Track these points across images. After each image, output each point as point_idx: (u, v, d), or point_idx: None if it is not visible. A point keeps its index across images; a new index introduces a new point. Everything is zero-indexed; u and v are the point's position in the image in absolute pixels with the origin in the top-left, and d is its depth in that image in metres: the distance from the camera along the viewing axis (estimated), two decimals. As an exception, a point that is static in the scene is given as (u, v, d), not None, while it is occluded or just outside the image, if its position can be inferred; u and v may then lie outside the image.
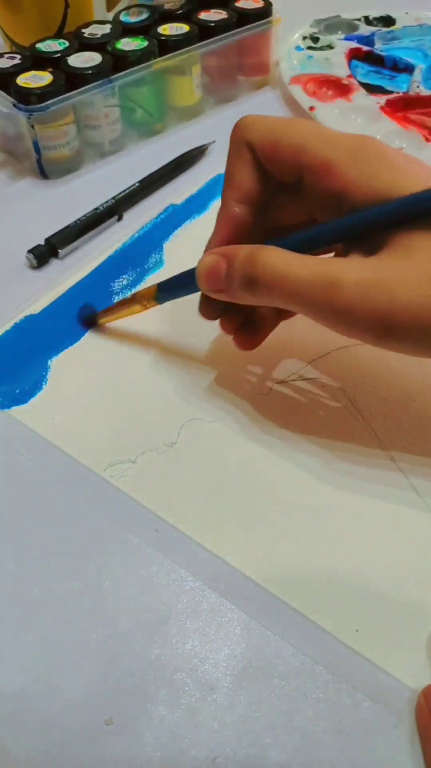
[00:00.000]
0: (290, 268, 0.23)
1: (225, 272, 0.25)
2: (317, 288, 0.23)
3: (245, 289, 0.25)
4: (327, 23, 0.57)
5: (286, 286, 0.23)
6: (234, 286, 0.25)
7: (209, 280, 0.26)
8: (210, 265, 0.26)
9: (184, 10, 0.49)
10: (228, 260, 0.25)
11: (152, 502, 0.27)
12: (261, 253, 0.24)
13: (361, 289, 0.22)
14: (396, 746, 0.21)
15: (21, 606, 0.25)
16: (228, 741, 0.22)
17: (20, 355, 0.33)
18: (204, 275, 0.26)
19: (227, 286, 0.25)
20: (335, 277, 0.22)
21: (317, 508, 0.27)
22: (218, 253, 0.26)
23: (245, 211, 0.27)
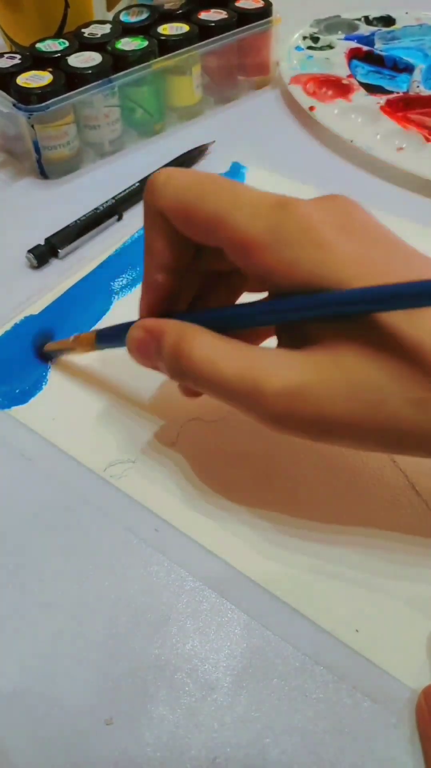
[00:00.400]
0: (216, 364, 0.21)
1: (154, 350, 0.24)
2: (241, 392, 0.21)
3: (175, 378, 0.24)
4: (327, 23, 0.58)
5: (213, 386, 0.22)
6: (164, 368, 0.24)
7: (140, 355, 0.25)
8: (138, 341, 0.24)
9: (184, 9, 0.49)
10: (155, 339, 0.23)
11: (152, 502, 0.27)
12: (185, 344, 0.22)
13: (287, 398, 0.20)
14: (396, 746, 0.21)
15: (21, 606, 0.25)
16: (229, 741, 0.22)
17: (20, 355, 0.33)
18: (135, 350, 0.25)
19: (159, 365, 0.24)
20: (259, 383, 0.21)
21: (317, 508, 0.27)
22: (146, 329, 0.24)
23: (167, 278, 0.25)
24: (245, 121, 0.50)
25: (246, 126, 0.49)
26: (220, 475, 0.28)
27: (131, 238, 0.39)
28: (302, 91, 0.50)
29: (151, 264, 0.25)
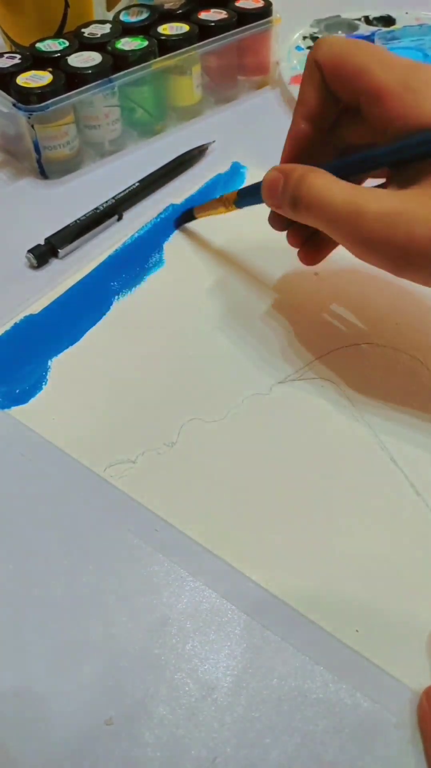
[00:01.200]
0: (328, 192, 0.25)
1: (282, 188, 0.27)
2: (344, 214, 0.24)
3: (291, 208, 0.27)
4: (327, 23, 0.57)
5: (321, 209, 0.25)
6: (285, 203, 0.27)
7: (269, 194, 0.28)
8: (270, 179, 0.28)
9: (184, 9, 0.49)
10: (285, 176, 0.27)
11: (152, 502, 0.27)
12: (308, 176, 0.26)
13: (382, 220, 0.24)
14: (397, 746, 0.21)
15: (21, 606, 0.25)
16: (229, 741, 0.22)
17: (20, 355, 0.33)
18: (265, 188, 0.28)
19: (281, 201, 0.27)
20: (360, 205, 0.24)
21: (317, 508, 0.27)
22: (279, 169, 0.28)
23: (311, 128, 0.29)
24: (245, 121, 0.50)
25: (246, 126, 0.49)
26: (220, 475, 0.28)
27: (131, 238, 0.39)
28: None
29: (300, 112, 0.29)
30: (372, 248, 0.24)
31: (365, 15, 0.59)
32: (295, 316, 0.35)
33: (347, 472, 0.28)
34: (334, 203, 0.25)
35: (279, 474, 0.28)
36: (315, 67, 0.28)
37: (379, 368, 0.32)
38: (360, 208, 0.24)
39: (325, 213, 0.25)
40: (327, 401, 0.31)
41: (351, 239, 0.25)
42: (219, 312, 0.35)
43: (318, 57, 0.27)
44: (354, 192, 0.25)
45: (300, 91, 0.29)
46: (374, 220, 0.24)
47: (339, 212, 0.25)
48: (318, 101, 0.28)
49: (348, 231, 0.25)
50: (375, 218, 0.24)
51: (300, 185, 0.26)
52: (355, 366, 0.32)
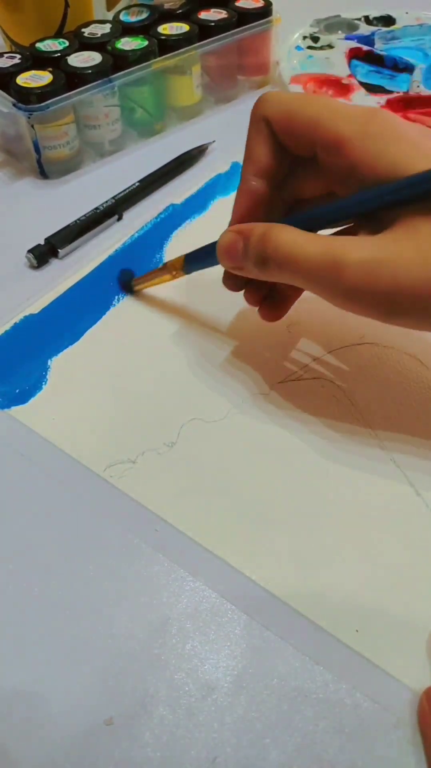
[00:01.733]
0: (299, 247, 0.24)
1: (242, 249, 0.26)
2: (322, 268, 0.23)
3: (258, 267, 0.26)
4: (327, 23, 0.57)
5: (295, 266, 0.24)
6: (249, 264, 0.26)
7: (228, 257, 0.27)
8: (228, 242, 0.27)
9: (184, 9, 0.49)
10: (244, 238, 0.26)
11: (152, 502, 0.27)
12: (272, 233, 0.25)
13: (364, 270, 0.23)
14: (396, 746, 0.21)
15: (21, 606, 0.25)
16: (228, 741, 0.22)
17: (20, 355, 0.33)
18: (223, 251, 0.27)
19: (243, 263, 0.27)
20: (339, 257, 0.23)
21: (317, 508, 0.27)
22: (236, 231, 0.27)
23: (263, 185, 0.28)
24: (245, 121, 0.49)
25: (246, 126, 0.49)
26: (220, 475, 0.28)
27: (131, 238, 0.39)
28: (302, 91, 0.50)
29: (249, 170, 0.28)
30: (355, 299, 0.23)
31: (365, 15, 0.59)
32: (295, 316, 0.35)
33: (347, 472, 0.28)
34: (309, 257, 0.24)
35: (279, 474, 0.28)
36: (263, 122, 0.27)
37: (379, 368, 0.32)
38: (338, 259, 0.23)
39: (300, 269, 0.24)
40: (327, 401, 0.31)
41: (332, 292, 0.24)
42: (220, 312, 0.35)
43: (267, 112, 0.26)
44: (328, 243, 0.24)
45: (247, 148, 0.28)
46: (355, 271, 0.23)
47: (316, 266, 0.24)
48: (268, 156, 0.27)
49: (328, 284, 0.24)
50: (356, 269, 0.23)
51: (266, 243, 0.25)
52: (355, 366, 0.32)
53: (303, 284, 0.25)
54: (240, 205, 0.28)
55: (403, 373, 0.32)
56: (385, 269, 0.22)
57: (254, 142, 0.27)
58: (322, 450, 0.29)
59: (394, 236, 0.23)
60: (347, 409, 0.30)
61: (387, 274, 0.22)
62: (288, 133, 0.26)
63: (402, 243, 0.23)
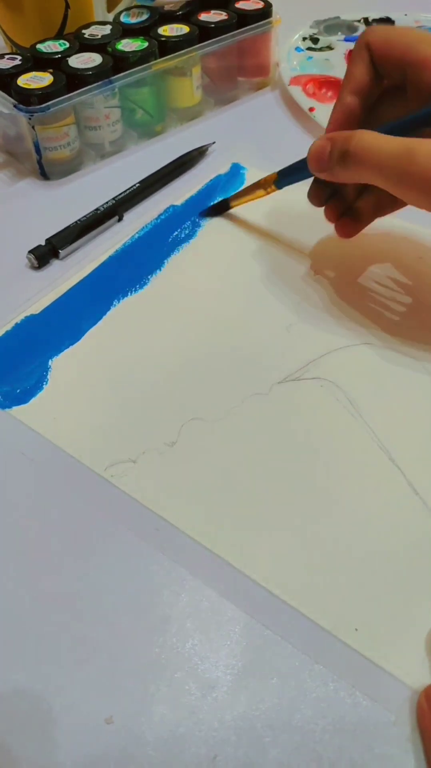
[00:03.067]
0: (377, 142, 0.28)
1: (329, 152, 0.30)
2: (395, 157, 0.27)
3: (340, 164, 0.29)
4: (326, 24, 0.58)
5: (372, 159, 0.28)
6: (334, 162, 0.29)
7: (317, 159, 0.31)
8: (318, 147, 0.30)
9: (184, 11, 0.49)
10: (332, 142, 0.29)
11: (152, 501, 0.27)
12: (357, 133, 0.28)
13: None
14: (395, 745, 0.22)
15: (21, 606, 0.25)
16: (229, 740, 0.22)
17: (21, 355, 0.33)
18: (312, 155, 0.31)
19: (329, 164, 0.30)
20: (412, 148, 0.26)
21: (316, 508, 0.27)
22: (325, 137, 0.30)
23: (356, 102, 0.32)
24: (245, 122, 0.50)
25: (246, 127, 0.49)
26: (220, 474, 0.28)
27: (131, 238, 0.40)
28: (302, 92, 0.50)
29: (347, 87, 0.32)
30: (421, 185, 0.26)
31: (364, 17, 0.59)
32: (295, 316, 0.35)
33: (346, 472, 0.28)
34: (385, 150, 0.27)
35: (279, 474, 0.28)
36: (365, 47, 0.31)
37: (379, 368, 0.32)
38: (411, 149, 0.26)
39: (377, 161, 0.27)
40: (327, 401, 0.31)
41: (403, 178, 0.27)
42: (220, 312, 0.35)
43: (370, 38, 0.31)
44: (403, 139, 0.27)
45: (348, 69, 0.32)
46: (425, 158, 0.26)
47: (392, 155, 0.27)
48: (366, 77, 0.31)
49: (399, 171, 0.27)
50: (426, 157, 0.26)
51: (349, 141, 0.28)
52: (355, 366, 0.32)
53: (376, 177, 0.28)
54: (335, 118, 0.32)
55: (403, 373, 0.32)
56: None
57: (354, 64, 0.32)
58: (322, 450, 0.29)
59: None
60: (346, 409, 0.30)
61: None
62: (385, 57, 0.31)
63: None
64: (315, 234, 0.39)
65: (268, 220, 0.40)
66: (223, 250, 0.39)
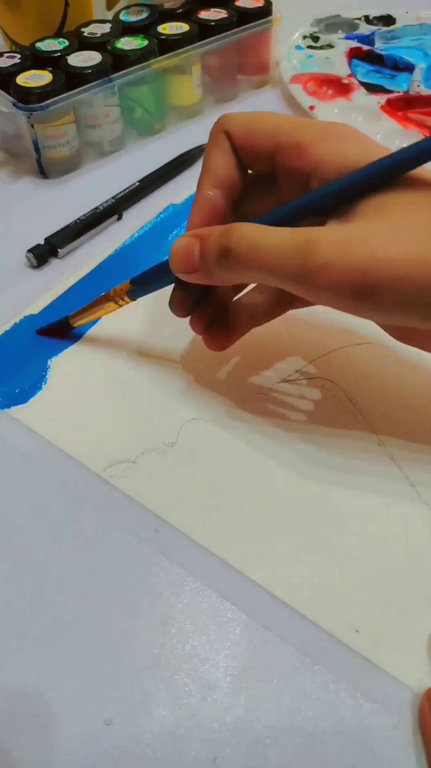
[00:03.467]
0: (264, 236, 0.23)
1: (199, 251, 0.25)
2: (292, 252, 0.22)
3: (219, 263, 0.24)
4: (327, 22, 0.57)
5: (261, 255, 0.23)
6: (209, 262, 0.25)
7: (183, 261, 0.26)
8: (184, 245, 0.26)
9: (184, 9, 0.49)
10: (202, 240, 0.25)
11: (152, 502, 0.27)
12: (234, 227, 0.24)
13: (338, 247, 0.21)
14: (396, 747, 0.21)
15: (21, 606, 0.25)
16: (229, 741, 0.22)
17: (20, 355, 0.33)
18: (178, 256, 0.26)
19: (201, 264, 0.25)
20: (311, 237, 0.22)
21: (317, 508, 0.27)
22: (191, 234, 0.26)
23: (219, 196, 0.27)
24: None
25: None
26: (220, 475, 0.28)
27: (131, 237, 0.39)
28: (302, 90, 0.50)
29: (205, 181, 0.27)
30: (327, 282, 0.22)
31: (365, 14, 0.59)
32: (295, 315, 0.35)
33: (347, 472, 0.28)
34: (277, 243, 0.23)
35: (279, 474, 0.28)
36: (224, 136, 0.27)
37: (379, 368, 0.32)
38: (311, 240, 0.22)
39: (266, 258, 0.23)
40: (328, 401, 0.31)
41: (303, 277, 0.22)
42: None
43: (228, 126, 0.27)
44: (296, 230, 0.23)
45: (206, 161, 0.27)
46: (329, 249, 0.21)
47: (284, 252, 0.22)
48: (227, 168, 0.27)
49: (298, 268, 0.22)
50: (330, 246, 0.21)
51: (229, 237, 0.24)
52: (355, 366, 0.32)
53: (269, 274, 0.23)
54: (196, 216, 0.27)
55: (403, 373, 0.32)
56: (360, 245, 0.21)
57: (213, 154, 0.27)
58: (322, 450, 0.29)
59: (365, 219, 0.22)
60: (347, 409, 0.30)
61: (363, 250, 0.21)
62: (249, 144, 0.26)
63: (374, 222, 0.22)
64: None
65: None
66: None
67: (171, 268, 0.26)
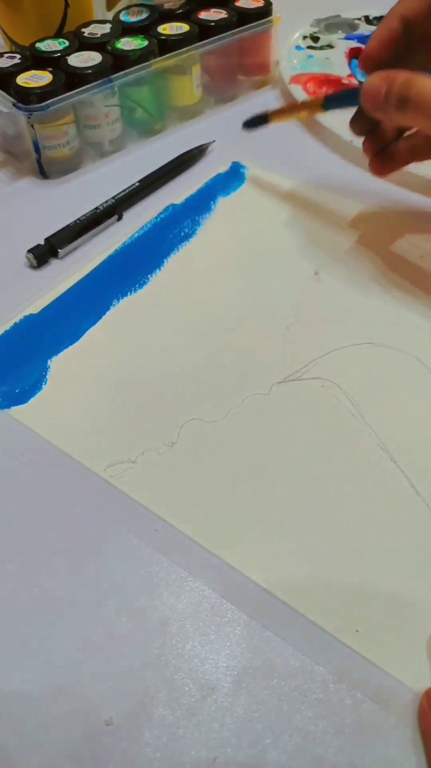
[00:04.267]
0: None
1: (385, 94, 0.30)
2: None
3: (398, 108, 0.30)
4: (327, 23, 0.57)
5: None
6: (390, 105, 0.30)
7: (371, 99, 0.31)
8: (373, 86, 0.31)
9: (184, 9, 0.49)
10: (388, 83, 0.30)
11: (152, 502, 0.27)
12: (416, 78, 0.29)
13: None
14: (396, 746, 0.21)
15: (21, 606, 0.25)
16: (228, 741, 0.22)
17: (20, 355, 0.33)
18: (367, 94, 0.31)
19: (384, 104, 0.30)
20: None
21: (317, 508, 0.27)
22: (381, 77, 0.31)
23: (399, 28, 0.33)
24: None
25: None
26: (220, 475, 0.28)
27: (131, 237, 0.39)
28: (302, 90, 0.50)
29: (395, 11, 0.33)
30: None
31: (365, 14, 0.59)
32: (295, 315, 0.35)
33: (347, 472, 0.28)
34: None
35: (279, 474, 0.28)
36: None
37: (379, 368, 0.32)
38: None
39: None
40: (327, 401, 0.31)
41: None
42: (219, 312, 0.35)
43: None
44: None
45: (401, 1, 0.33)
46: None
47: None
48: (418, 8, 0.32)
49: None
50: None
51: (409, 87, 0.29)
52: (355, 366, 0.32)
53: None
54: (378, 39, 0.33)
55: (403, 373, 0.32)
56: None
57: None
58: (322, 450, 0.29)
59: None
60: (347, 409, 0.30)
61: None
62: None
63: None
64: (315, 234, 0.39)
65: (269, 220, 0.40)
66: (223, 249, 0.39)
67: (361, 101, 0.32)
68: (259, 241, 0.39)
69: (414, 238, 0.38)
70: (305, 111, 0.39)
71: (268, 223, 0.40)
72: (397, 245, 0.38)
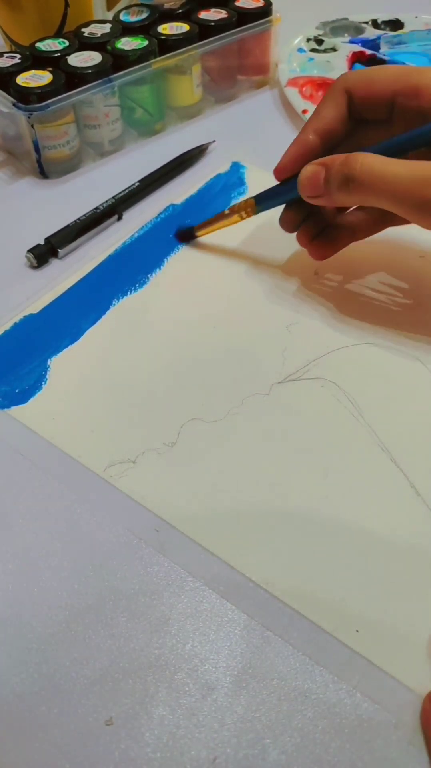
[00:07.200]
0: (386, 167, 0.27)
1: (324, 178, 0.29)
2: (413, 183, 0.26)
3: (342, 189, 0.29)
4: (333, 25, 0.57)
5: (383, 184, 0.27)
6: (332, 188, 0.29)
7: (311, 186, 0.30)
8: (311, 173, 0.30)
9: (184, 9, 0.49)
10: (326, 167, 0.29)
11: (152, 502, 0.27)
12: (357, 157, 0.28)
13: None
14: (396, 747, 0.21)
15: (20, 606, 0.25)
16: (228, 741, 0.22)
17: (20, 355, 0.33)
18: (306, 182, 0.30)
19: (325, 190, 0.30)
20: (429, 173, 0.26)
21: (317, 509, 0.27)
22: (318, 163, 0.30)
23: (317, 142, 0.32)
24: (245, 121, 0.50)
25: (246, 126, 0.49)
26: (220, 475, 0.28)
27: (131, 237, 0.39)
28: (298, 94, 0.49)
29: (311, 125, 0.32)
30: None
31: (373, 18, 0.58)
32: (295, 315, 0.35)
33: (347, 473, 0.28)
34: (399, 175, 0.27)
35: (278, 474, 0.28)
36: (343, 92, 0.31)
37: (379, 368, 0.32)
38: (428, 175, 0.26)
39: (388, 186, 0.27)
40: (327, 401, 0.31)
41: (420, 207, 0.26)
42: (219, 312, 0.35)
43: (349, 83, 0.31)
44: (414, 163, 0.27)
45: (318, 109, 0.31)
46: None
47: (404, 182, 0.26)
48: (335, 121, 0.31)
49: (419, 200, 0.26)
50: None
51: (352, 165, 0.28)
52: (355, 366, 0.32)
53: (387, 202, 0.27)
54: (291, 152, 0.32)
55: (403, 373, 0.32)
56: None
57: (326, 105, 0.31)
58: (322, 450, 0.29)
59: None
60: (347, 409, 0.30)
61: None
62: (370, 95, 0.30)
63: None
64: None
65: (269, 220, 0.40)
66: (223, 249, 0.39)
67: (299, 192, 0.31)
68: (261, 241, 0.39)
69: (414, 238, 0.38)
70: (236, 216, 0.36)
71: (269, 222, 0.40)
72: (398, 245, 0.38)
